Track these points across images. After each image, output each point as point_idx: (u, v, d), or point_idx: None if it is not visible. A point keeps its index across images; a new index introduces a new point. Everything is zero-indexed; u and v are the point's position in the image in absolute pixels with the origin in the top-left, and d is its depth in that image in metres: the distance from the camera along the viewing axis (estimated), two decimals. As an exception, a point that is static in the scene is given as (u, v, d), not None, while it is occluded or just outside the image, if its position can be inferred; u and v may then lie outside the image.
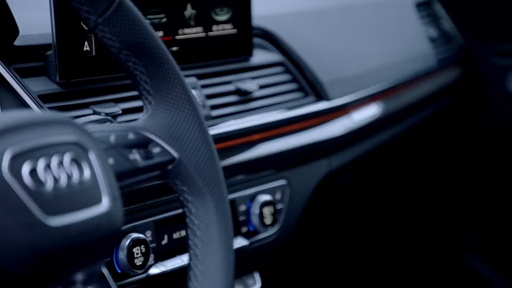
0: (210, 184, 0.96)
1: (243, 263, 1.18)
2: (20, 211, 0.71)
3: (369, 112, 1.58)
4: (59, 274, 0.74)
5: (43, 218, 0.72)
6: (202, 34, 1.30)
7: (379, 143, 1.65)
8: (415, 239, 1.93)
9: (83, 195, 0.76)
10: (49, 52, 1.10)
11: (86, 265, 0.78)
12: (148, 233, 1.16)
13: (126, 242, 1.11)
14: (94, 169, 0.79)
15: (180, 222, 1.03)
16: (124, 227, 1.12)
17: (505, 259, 1.86)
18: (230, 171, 1.25)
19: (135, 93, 1.11)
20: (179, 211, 1.20)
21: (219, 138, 1.24)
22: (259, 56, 1.42)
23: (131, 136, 0.92)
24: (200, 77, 1.29)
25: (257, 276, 1.41)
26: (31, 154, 0.73)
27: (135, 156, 0.91)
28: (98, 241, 0.77)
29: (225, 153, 1.26)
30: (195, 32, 1.29)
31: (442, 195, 1.97)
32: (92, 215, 0.76)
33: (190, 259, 0.95)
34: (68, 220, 0.74)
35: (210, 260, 0.94)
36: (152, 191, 1.16)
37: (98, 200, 0.78)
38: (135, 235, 1.13)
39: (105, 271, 0.84)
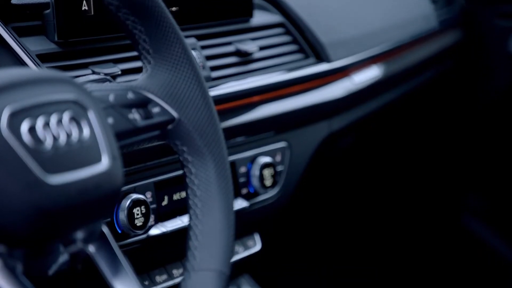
0: (210, 144, 0.96)
1: (243, 224, 1.19)
2: (19, 169, 0.70)
3: (370, 74, 1.57)
4: (59, 232, 0.74)
5: (43, 176, 0.71)
6: (202, -5, 1.28)
7: (379, 105, 1.65)
8: (415, 202, 1.93)
9: (83, 153, 0.76)
10: (47, 11, 1.09)
11: (86, 223, 0.78)
12: (148, 194, 1.16)
13: (126, 202, 1.11)
14: (94, 128, 0.78)
15: (180, 183, 1.03)
16: (124, 188, 1.12)
17: (504, 222, 1.87)
18: (230, 132, 1.24)
19: (134, 53, 1.10)
20: (179, 172, 1.21)
21: (219, 99, 1.23)
22: (260, 17, 1.40)
23: (130, 95, 0.91)
24: (200, 38, 1.28)
25: (257, 237, 1.42)
26: (30, 111, 0.73)
27: (135, 115, 0.90)
28: (98, 200, 0.77)
29: (225, 114, 1.25)
30: (194, -8, 1.27)
31: (442, 158, 1.97)
32: (91, 174, 0.76)
33: (190, 218, 0.95)
34: (67, 179, 0.73)
35: (210, 219, 0.94)
36: (152, 152, 1.15)
37: (97, 159, 0.78)
38: (135, 195, 1.12)
39: (105, 230, 0.84)
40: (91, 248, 0.83)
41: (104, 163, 0.78)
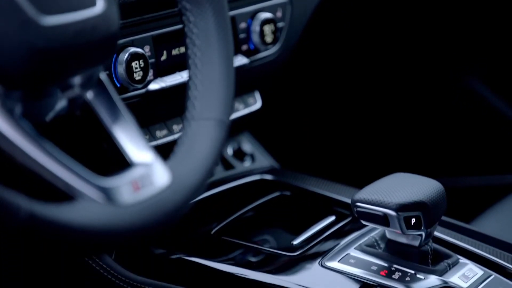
0: (208, -8, 0.94)
1: (243, 81, 1.17)
2: (11, 9, 0.69)
3: None
4: (56, 74, 0.74)
5: (36, 16, 0.70)
6: None
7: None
8: (419, 64, 1.91)
9: (77, -4, 0.75)
10: None
11: (83, 67, 0.77)
12: (147, 48, 1.15)
13: (125, 56, 1.10)
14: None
15: (180, 38, 1.01)
16: (122, 41, 1.11)
17: (507, 84, 1.86)
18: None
19: None
20: (178, 26, 1.18)
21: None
22: None
23: None
24: None
25: (257, 95, 1.41)
26: None
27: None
28: (94, 43, 0.76)
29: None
30: None
31: (444, 25, 1.94)
32: (87, 16, 0.75)
33: (190, 68, 0.94)
34: (62, 20, 0.72)
35: (209, 69, 0.93)
36: (150, 4, 1.13)
37: (92, 2, 0.76)
38: (133, 49, 1.11)
39: (103, 76, 0.83)
40: (90, 95, 0.82)
41: (99, 6, 0.77)
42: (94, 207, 0.73)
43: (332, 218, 1.23)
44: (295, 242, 1.17)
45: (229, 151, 1.44)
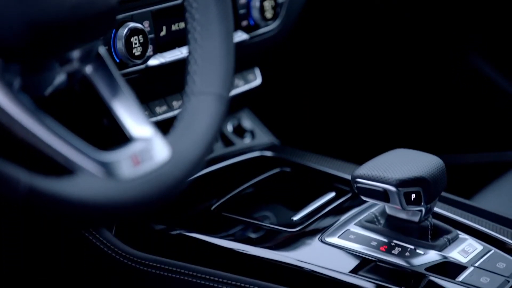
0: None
1: (243, 57, 1.17)
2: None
3: None
4: (54, 49, 0.73)
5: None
6: None
7: None
8: (420, 40, 1.91)
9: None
10: None
11: (81, 41, 0.77)
12: (146, 24, 1.14)
13: (124, 31, 1.09)
14: None
15: (179, 13, 1.01)
16: (121, 16, 1.10)
17: (508, 61, 1.85)
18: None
19: None
20: (178, 1, 1.18)
21: None
22: None
23: None
24: None
25: (257, 71, 1.41)
26: None
27: None
28: (93, 16, 0.75)
29: None
30: None
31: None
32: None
33: (189, 43, 0.93)
34: (61, -8, 0.72)
35: (209, 44, 0.92)
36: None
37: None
38: (132, 24, 1.11)
39: (102, 50, 0.83)
40: (88, 69, 0.82)
41: (98, -21, 0.76)
42: (93, 181, 0.73)
43: (332, 194, 1.23)
44: (295, 218, 1.17)
45: (229, 127, 1.44)
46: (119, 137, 0.82)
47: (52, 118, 0.73)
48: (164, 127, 0.89)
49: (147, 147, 0.81)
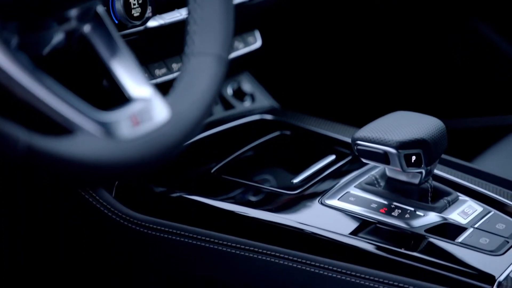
0: None
1: (243, 19, 1.16)
2: None
3: None
4: (51, 6, 0.72)
5: None
6: None
7: None
8: (421, 4, 1.89)
9: None
10: None
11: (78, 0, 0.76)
12: (145, -16, 1.13)
13: (122, -9, 1.09)
14: None
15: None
16: (119, -22, 1.09)
17: (510, 25, 1.84)
18: None
19: None
20: (177, -38, 1.17)
21: None
22: None
23: None
24: None
25: (257, 34, 1.40)
26: None
27: None
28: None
29: None
30: None
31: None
32: None
33: (189, 3, 0.92)
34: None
35: (209, 4, 0.91)
36: None
37: None
38: (131, -15, 1.10)
39: (101, 9, 0.82)
40: (87, 28, 0.81)
41: None
42: (92, 141, 0.73)
43: (332, 157, 1.23)
44: (295, 180, 1.17)
45: (229, 91, 1.44)
46: (118, 97, 0.82)
47: (51, 77, 0.73)
48: (164, 89, 0.89)
49: (147, 107, 0.80)
